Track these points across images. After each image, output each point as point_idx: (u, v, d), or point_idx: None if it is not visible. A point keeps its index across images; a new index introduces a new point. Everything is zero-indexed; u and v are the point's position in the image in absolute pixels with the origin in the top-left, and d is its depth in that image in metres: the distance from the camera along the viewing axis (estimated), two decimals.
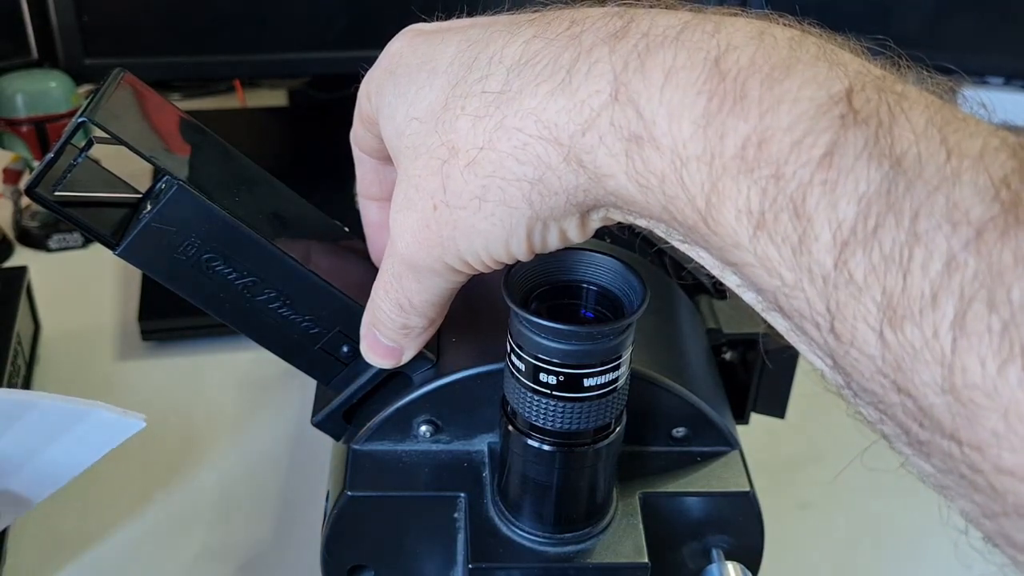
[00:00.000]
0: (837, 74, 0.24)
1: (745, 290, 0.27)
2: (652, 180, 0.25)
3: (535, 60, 0.27)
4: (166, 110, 0.36)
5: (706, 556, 0.38)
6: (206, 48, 0.82)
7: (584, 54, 0.26)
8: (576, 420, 0.32)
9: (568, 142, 0.26)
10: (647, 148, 0.25)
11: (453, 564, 0.38)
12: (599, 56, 0.26)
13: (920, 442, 0.23)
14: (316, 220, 0.39)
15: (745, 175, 0.23)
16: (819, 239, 0.22)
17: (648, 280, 0.32)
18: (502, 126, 0.27)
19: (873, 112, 0.23)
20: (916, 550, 0.59)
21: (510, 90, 0.27)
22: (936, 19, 0.82)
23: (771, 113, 0.23)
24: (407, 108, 0.31)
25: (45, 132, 0.77)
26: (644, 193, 0.26)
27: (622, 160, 0.26)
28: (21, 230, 0.83)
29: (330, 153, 0.89)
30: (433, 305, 0.33)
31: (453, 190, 0.29)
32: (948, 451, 0.22)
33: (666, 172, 0.25)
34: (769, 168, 0.23)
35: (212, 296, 0.35)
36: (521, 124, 0.27)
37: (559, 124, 0.26)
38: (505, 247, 0.29)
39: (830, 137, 0.22)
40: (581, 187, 0.27)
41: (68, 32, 0.77)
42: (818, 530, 0.59)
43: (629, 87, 0.25)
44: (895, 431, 0.24)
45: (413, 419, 0.37)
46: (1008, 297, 0.20)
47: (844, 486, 0.63)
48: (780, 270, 0.23)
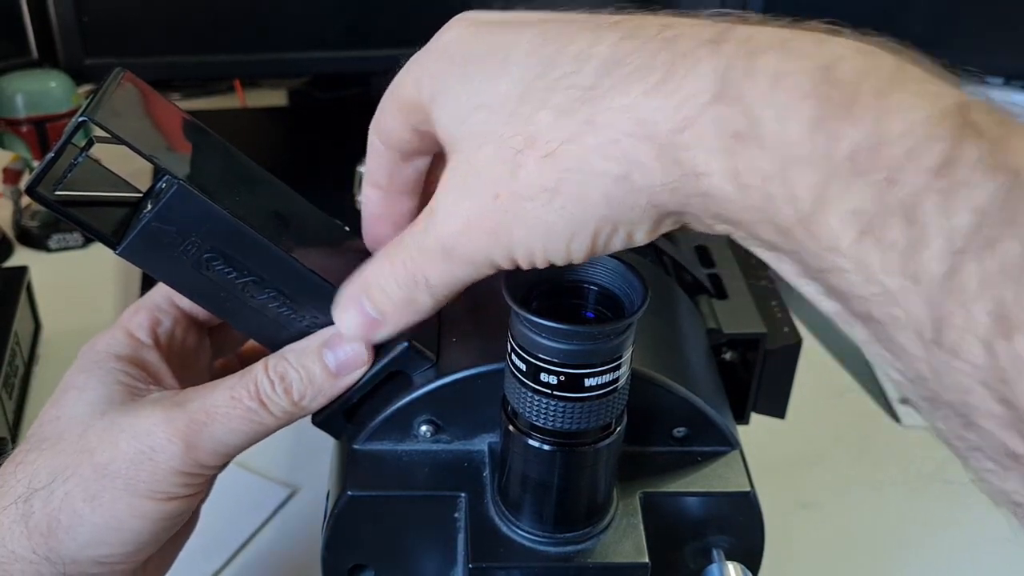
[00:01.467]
0: (947, 90, 0.24)
1: (824, 299, 0.27)
2: (753, 179, 0.25)
3: (627, 60, 0.27)
4: (166, 109, 0.36)
5: (706, 556, 0.38)
6: (206, 48, 0.82)
7: (681, 57, 0.27)
8: (577, 420, 0.32)
9: (664, 139, 0.26)
10: (751, 147, 0.25)
11: (453, 564, 0.37)
12: (700, 57, 0.26)
13: (1015, 455, 0.23)
14: (316, 219, 0.39)
15: (856, 178, 0.24)
16: (930, 247, 0.22)
17: (648, 280, 0.32)
18: (591, 122, 0.27)
19: (987, 126, 0.23)
20: (916, 550, 0.59)
21: (600, 87, 0.28)
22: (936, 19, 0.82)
23: (884, 120, 0.24)
24: (473, 96, 0.30)
25: (45, 132, 0.77)
26: (742, 192, 0.26)
27: (721, 158, 0.26)
28: (21, 230, 0.83)
29: (330, 153, 0.89)
30: (450, 291, 0.33)
31: (524, 180, 0.28)
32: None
33: (770, 171, 0.25)
34: (882, 173, 0.23)
35: (212, 295, 0.35)
36: (612, 120, 0.27)
37: (655, 122, 0.26)
38: (566, 244, 0.29)
39: (945, 147, 0.23)
40: (668, 186, 0.27)
41: (68, 32, 0.77)
42: (818, 530, 0.59)
43: (735, 87, 0.26)
44: (978, 444, 0.24)
45: (413, 419, 0.37)
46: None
47: (844, 486, 0.63)
48: (880, 277, 0.24)
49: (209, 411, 0.35)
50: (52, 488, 0.35)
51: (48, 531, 0.35)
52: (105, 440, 0.35)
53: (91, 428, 0.35)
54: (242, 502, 0.57)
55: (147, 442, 0.35)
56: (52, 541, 0.35)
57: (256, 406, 0.36)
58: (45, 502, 0.35)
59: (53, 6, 0.76)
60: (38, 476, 0.35)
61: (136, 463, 0.35)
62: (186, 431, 0.35)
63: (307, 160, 0.94)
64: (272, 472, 0.60)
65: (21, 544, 0.35)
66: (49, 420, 0.37)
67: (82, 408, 0.36)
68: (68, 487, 0.35)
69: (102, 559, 0.36)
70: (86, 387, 0.37)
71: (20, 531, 0.35)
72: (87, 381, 0.37)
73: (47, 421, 0.37)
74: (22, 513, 0.35)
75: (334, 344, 0.36)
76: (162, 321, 0.40)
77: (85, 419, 0.36)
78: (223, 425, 0.35)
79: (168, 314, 0.40)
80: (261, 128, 1.02)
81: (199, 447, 0.35)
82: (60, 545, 0.35)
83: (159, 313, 0.40)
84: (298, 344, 0.37)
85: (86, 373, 0.37)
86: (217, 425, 0.35)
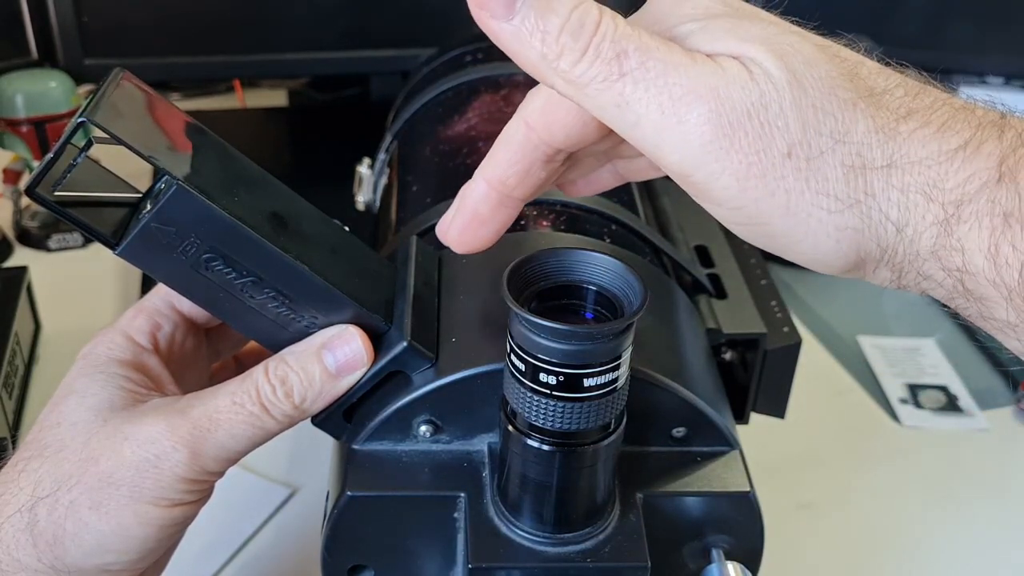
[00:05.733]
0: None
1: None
2: (1013, 258, 0.27)
3: (924, 113, 0.29)
4: (166, 110, 0.36)
5: (706, 556, 0.38)
6: (206, 48, 0.82)
7: (977, 129, 0.28)
8: (576, 420, 0.32)
9: (949, 206, 0.28)
10: (1016, 228, 0.27)
11: (453, 564, 0.37)
12: (987, 138, 0.28)
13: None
14: (316, 220, 0.39)
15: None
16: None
17: (648, 280, 0.32)
18: (892, 164, 0.28)
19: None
20: (916, 550, 0.59)
21: (901, 131, 0.28)
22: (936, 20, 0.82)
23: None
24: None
25: (45, 132, 0.77)
26: (997, 270, 0.27)
27: (986, 235, 0.27)
28: (21, 230, 0.83)
29: (330, 153, 0.89)
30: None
31: (820, 170, 0.28)
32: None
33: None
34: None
35: (212, 296, 0.35)
36: (908, 173, 0.28)
37: (945, 189, 0.28)
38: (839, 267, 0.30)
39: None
40: (934, 251, 0.28)
41: (68, 32, 0.77)
42: (818, 530, 0.59)
43: (1012, 171, 0.27)
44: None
45: (413, 419, 0.37)
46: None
47: (844, 486, 0.63)
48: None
49: (212, 417, 0.35)
50: (57, 496, 0.35)
51: (53, 540, 0.35)
52: (109, 448, 0.35)
53: (94, 436, 0.35)
54: (242, 502, 0.57)
55: (152, 450, 0.35)
56: (58, 549, 0.35)
57: (258, 411, 0.36)
58: (50, 511, 0.35)
59: (53, 6, 0.76)
60: (42, 484, 0.35)
61: (141, 471, 0.35)
62: (190, 438, 0.35)
63: (307, 160, 0.94)
64: (272, 472, 0.60)
65: (26, 553, 0.35)
66: (50, 426, 0.36)
67: (83, 414, 0.36)
68: (73, 495, 0.35)
69: (107, 566, 0.36)
70: (87, 392, 0.37)
71: (25, 540, 0.35)
72: (88, 386, 0.37)
73: (48, 427, 0.37)
74: (27, 522, 0.35)
75: (334, 345, 0.36)
76: (162, 325, 0.40)
77: (87, 426, 0.36)
78: (226, 431, 0.35)
79: (168, 318, 0.40)
80: (261, 128, 1.02)
81: (204, 453, 0.35)
82: (65, 553, 0.35)
83: (159, 317, 0.40)
84: (298, 346, 0.37)
85: (86, 378, 0.37)
86: (221, 431, 0.35)
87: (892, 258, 0.29)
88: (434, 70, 0.65)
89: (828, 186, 0.28)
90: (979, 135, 0.28)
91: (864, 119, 0.28)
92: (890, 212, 0.28)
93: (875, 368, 0.73)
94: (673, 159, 0.29)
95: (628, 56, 0.28)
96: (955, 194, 0.28)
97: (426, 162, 0.57)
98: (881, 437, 0.67)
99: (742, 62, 0.28)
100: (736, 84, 0.28)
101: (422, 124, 0.61)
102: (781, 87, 0.28)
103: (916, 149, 0.28)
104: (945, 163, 0.28)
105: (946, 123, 0.28)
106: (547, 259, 0.33)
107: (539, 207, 0.46)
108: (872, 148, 0.28)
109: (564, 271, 0.33)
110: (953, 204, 0.28)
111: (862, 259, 0.29)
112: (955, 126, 0.28)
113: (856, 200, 0.28)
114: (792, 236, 0.29)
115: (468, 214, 0.34)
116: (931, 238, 0.28)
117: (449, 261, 0.42)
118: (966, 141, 0.28)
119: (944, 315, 0.78)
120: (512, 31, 0.28)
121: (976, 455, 0.66)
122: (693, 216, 0.53)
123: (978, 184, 0.27)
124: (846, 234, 0.29)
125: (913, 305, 0.79)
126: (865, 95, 0.29)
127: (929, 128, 0.28)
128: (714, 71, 0.28)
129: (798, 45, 0.29)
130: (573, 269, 0.33)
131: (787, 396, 0.47)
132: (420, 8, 0.79)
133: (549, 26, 0.28)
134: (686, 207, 0.53)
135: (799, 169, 0.28)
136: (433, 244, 0.44)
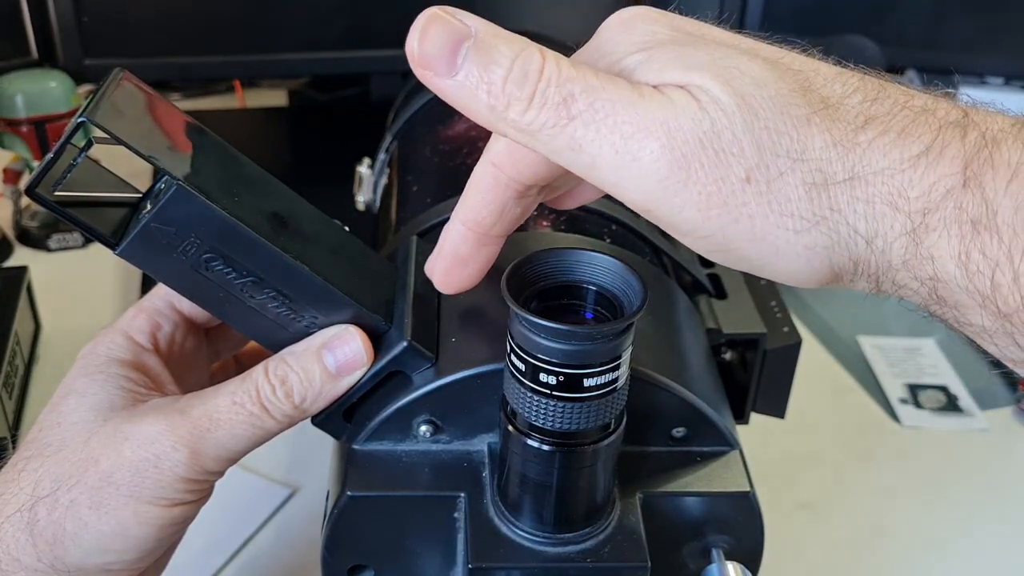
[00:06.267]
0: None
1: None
2: (984, 266, 0.26)
3: (883, 120, 0.28)
4: (166, 110, 0.36)
5: (706, 556, 0.38)
6: (206, 48, 0.82)
7: (938, 132, 0.28)
8: (576, 420, 0.32)
9: (915, 216, 0.27)
10: (984, 235, 0.26)
11: (453, 564, 0.37)
12: (949, 140, 0.27)
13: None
14: (316, 220, 0.39)
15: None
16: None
17: (648, 280, 0.32)
18: (855, 177, 0.28)
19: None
20: (916, 549, 0.59)
21: (860, 142, 0.28)
22: (936, 20, 0.82)
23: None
24: None
25: (45, 132, 0.77)
26: (969, 277, 0.27)
27: (956, 243, 0.27)
28: (21, 230, 0.83)
29: (330, 153, 0.89)
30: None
31: (781, 191, 0.28)
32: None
33: (1001, 260, 0.26)
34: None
35: (212, 296, 0.35)
36: (871, 184, 0.28)
37: (909, 197, 0.27)
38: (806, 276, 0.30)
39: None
40: (905, 260, 0.28)
41: (68, 32, 0.77)
42: (818, 530, 0.59)
43: (978, 176, 0.27)
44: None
45: (413, 419, 0.37)
46: None
47: (844, 486, 0.63)
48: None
49: (212, 417, 0.35)
50: (57, 496, 0.35)
51: (53, 539, 0.35)
52: (109, 448, 0.35)
53: (94, 435, 0.35)
54: (242, 502, 0.57)
55: (152, 450, 0.35)
56: (57, 549, 0.35)
57: (258, 411, 0.36)
58: (50, 510, 0.35)
59: (53, 6, 0.76)
60: (42, 484, 0.35)
61: (141, 471, 0.35)
62: (190, 438, 0.35)
63: (307, 160, 0.94)
64: (272, 472, 0.60)
65: (26, 552, 0.35)
66: (50, 425, 0.37)
67: (83, 414, 0.36)
68: (73, 495, 0.35)
69: (107, 566, 0.36)
70: (87, 392, 0.37)
71: (25, 539, 0.35)
72: (88, 386, 0.37)
73: (47, 427, 0.37)
74: (27, 522, 0.35)
75: (334, 345, 0.36)
76: (162, 325, 0.40)
77: (87, 426, 0.36)
78: (227, 431, 0.35)
79: (168, 318, 0.40)
80: (261, 128, 1.02)
81: (204, 453, 0.35)
82: (65, 553, 0.35)
83: (159, 317, 0.40)
84: (298, 346, 0.37)
85: (86, 378, 0.37)
86: (221, 431, 0.35)
87: (866, 269, 0.29)
88: None
89: (791, 206, 0.28)
90: (941, 139, 0.27)
91: (820, 134, 0.28)
92: (858, 225, 0.28)
93: (875, 368, 0.73)
94: (635, 197, 0.28)
95: (575, 99, 0.28)
96: (920, 203, 0.27)
97: (426, 162, 0.57)
98: (881, 437, 0.67)
99: (689, 91, 0.28)
100: (685, 115, 0.27)
101: (422, 124, 0.61)
102: (731, 112, 0.27)
103: (877, 159, 0.27)
104: (908, 170, 0.27)
105: (906, 129, 0.28)
106: (547, 259, 0.33)
107: (539, 207, 0.46)
108: (832, 163, 0.28)
109: (564, 271, 0.33)
110: (920, 213, 0.27)
111: (837, 273, 0.29)
112: (915, 131, 0.28)
113: (822, 217, 0.28)
114: (764, 258, 0.29)
115: (449, 257, 0.36)
116: (901, 248, 0.28)
117: None
118: (928, 147, 0.27)
119: None
120: (456, 87, 0.28)
121: (976, 455, 0.66)
122: None
123: (943, 191, 0.27)
124: (816, 252, 0.28)
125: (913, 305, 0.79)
126: (820, 108, 0.28)
127: (889, 136, 0.28)
128: (662, 104, 0.28)
129: (745, 67, 0.28)
130: (573, 269, 0.33)
131: (787, 396, 0.47)
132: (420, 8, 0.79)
133: (493, 77, 0.28)
134: None
135: (760, 193, 0.28)
136: (433, 244, 0.44)
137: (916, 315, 0.31)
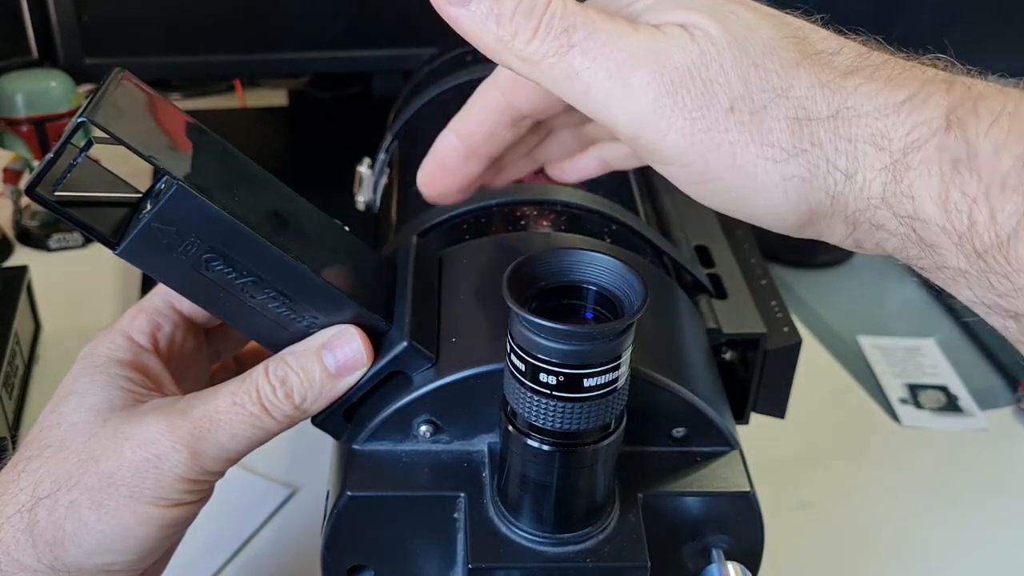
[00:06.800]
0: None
1: (1001, 319, 0.29)
2: (962, 204, 0.27)
3: (870, 70, 0.29)
4: (166, 109, 0.36)
5: (706, 556, 0.38)
6: (206, 48, 0.82)
7: (926, 84, 0.29)
8: (576, 420, 0.32)
9: (896, 155, 0.28)
10: (964, 173, 0.27)
11: (453, 564, 0.37)
12: (934, 91, 0.29)
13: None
14: (316, 219, 0.39)
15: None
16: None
17: (648, 280, 0.32)
18: (838, 115, 0.29)
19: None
20: (916, 549, 0.59)
21: (846, 86, 0.29)
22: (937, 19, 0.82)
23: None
24: None
25: (45, 132, 0.77)
26: (947, 215, 0.28)
27: (937, 182, 0.28)
28: (21, 230, 0.83)
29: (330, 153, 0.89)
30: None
31: (764, 123, 0.29)
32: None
33: (978, 197, 0.27)
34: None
35: (212, 296, 0.35)
36: (855, 125, 0.29)
37: (892, 138, 0.28)
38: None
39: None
40: (884, 199, 0.29)
41: (68, 32, 0.77)
42: (818, 530, 0.59)
43: (961, 121, 0.28)
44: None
45: (413, 419, 0.37)
46: None
47: (844, 486, 0.63)
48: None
49: (212, 417, 0.35)
50: (57, 497, 0.35)
51: (54, 540, 0.35)
52: (109, 448, 0.35)
53: (94, 436, 0.35)
54: (242, 502, 0.57)
55: (152, 450, 0.35)
56: (58, 550, 0.35)
57: (258, 411, 0.36)
58: (50, 511, 0.35)
59: (53, 6, 0.76)
60: (42, 484, 0.35)
61: (141, 471, 0.35)
62: (190, 438, 0.35)
63: (307, 160, 0.94)
64: (272, 472, 0.60)
65: (26, 553, 0.35)
66: (50, 426, 0.36)
67: (83, 414, 0.36)
68: (73, 496, 0.35)
69: (107, 567, 0.36)
70: (87, 393, 0.37)
71: (25, 540, 0.35)
72: (88, 386, 0.37)
73: (47, 427, 0.37)
74: (27, 522, 0.35)
75: (334, 345, 0.36)
76: (162, 325, 0.40)
77: (87, 426, 0.36)
78: (227, 431, 0.35)
79: (168, 318, 0.40)
80: (261, 128, 1.02)
81: (204, 454, 0.35)
82: (65, 554, 0.35)
83: (159, 317, 0.40)
84: (298, 346, 0.37)
85: (87, 378, 0.37)
86: (221, 431, 0.35)
87: (843, 209, 0.30)
88: (435, 69, 0.65)
89: (772, 137, 0.29)
90: (926, 88, 0.29)
91: (807, 76, 0.29)
92: (838, 161, 0.29)
93: (875, 368, 0.73)
94: (622, 121, 0.30)
95: (576, 30, 0.29)
96: (903, 142, 0.28)
97: None
98: (881, 437, 0.67)
99: (685, 28, 0.30)
100: (677, 46, 0.29)
101: (423, 124, 0.61)
102: (721, 47, 0.29)
103: (862, 102, 0.29)
104: (892, 115, 0.28)
105: (892, 78, 0.29)
106: (547, 259, 0.33)
107: (539, 207, 0.46)
108: (816, 101, 0.29)
109: (564, 271, 0.33)
110: (901, 152, 0.28)
111: (813, 210, 0.30)
112: (901, 81, 0.29)
113: (802, 149, 0.29)
114: (743, 191, 0.30)
115: (436, 162, 0.38)
116: (881, 184, 0.29)
117: (449, 261, 0.42)
118: (912, 94, 0.29)
119: (944, 315, 0.78)
120: (469, 16, 0.30)
121: (976, 455, 0.66)
122: (693, 216, 0.53)
123: (926, 132, 0.28)
124: (793, 183, 0.29)
125: (913, 305, 0.79)
126: (810, 56, 0.30)
127: (875, 83, 0.29)
128: (656, 36, 0.30)
129: (742, 12, 0.30)
130: (573, 269, 0.33)
131: (787, 396, 0.47)
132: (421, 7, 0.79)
133: (503, 9, 0.30)
134: (686, 207, 0.53)
135: (742, 123, 0.29)
136: (433, 244, 0.44)
137: (916, 315, 0.31)
